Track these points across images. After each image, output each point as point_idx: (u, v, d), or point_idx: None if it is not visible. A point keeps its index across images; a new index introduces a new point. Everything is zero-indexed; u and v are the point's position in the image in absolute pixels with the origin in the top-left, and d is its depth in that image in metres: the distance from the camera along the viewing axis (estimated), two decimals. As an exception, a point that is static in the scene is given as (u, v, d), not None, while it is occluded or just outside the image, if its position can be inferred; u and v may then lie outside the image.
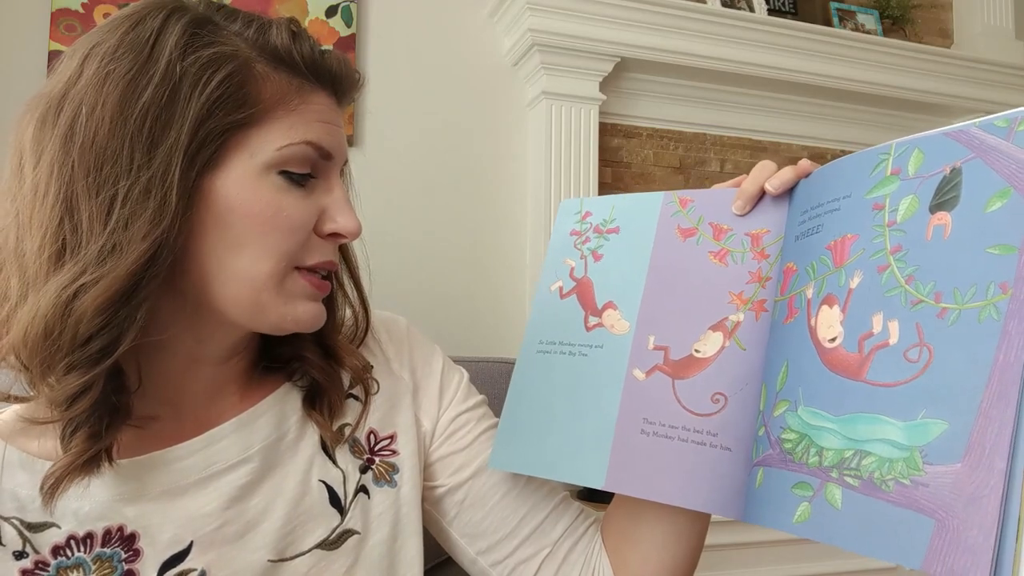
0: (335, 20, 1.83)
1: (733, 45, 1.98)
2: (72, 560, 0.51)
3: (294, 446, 0.59)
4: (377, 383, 0.65)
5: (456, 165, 1.91)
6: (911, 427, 0.42)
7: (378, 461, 0.62)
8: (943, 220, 0.45)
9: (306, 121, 0.53)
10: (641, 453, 0.56)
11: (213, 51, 0.50)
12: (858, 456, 0.45)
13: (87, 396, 0.48)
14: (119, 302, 0.47)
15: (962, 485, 0.39)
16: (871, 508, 0.43)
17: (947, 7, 2.47)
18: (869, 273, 0.48)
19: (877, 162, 0.50)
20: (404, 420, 0.64)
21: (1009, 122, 0.43)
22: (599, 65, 1.91)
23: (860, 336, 0.47)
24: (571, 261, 0.66)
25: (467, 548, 0.65)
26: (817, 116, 2.24)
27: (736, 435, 0.54)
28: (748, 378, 0.55)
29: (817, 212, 0.54)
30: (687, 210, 0.61)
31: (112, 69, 0.49)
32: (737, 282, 0.57)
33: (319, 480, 0.59)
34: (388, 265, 1.73)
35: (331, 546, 0.58)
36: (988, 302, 0.41)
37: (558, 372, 0.62)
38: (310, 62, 0.54)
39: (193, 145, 0.49)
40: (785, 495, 0.48)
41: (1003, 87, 2.27)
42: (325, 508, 0.58)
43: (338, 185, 0.56)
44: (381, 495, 0.61)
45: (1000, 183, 0.42)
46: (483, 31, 1.96)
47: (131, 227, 0.47)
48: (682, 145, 2.13)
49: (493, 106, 1.96)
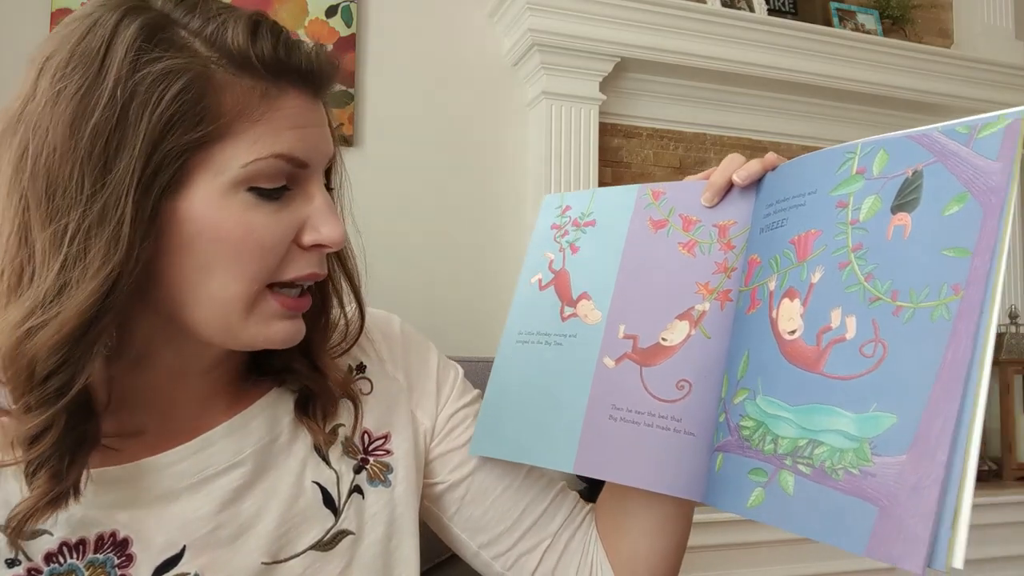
0: (335, 20, 1.83)
1: (733, 45, 1.98)
2: (65, 567, 0.50)
3: (287, 448, 0.59)
4: (371, 383, 0.64)
5: (456, 165, 1.91)
6: (863, 419, 0.44)
7: (372, 461, 0.62)
8: (903, 221, 0.46)
9: (274, 131, 0.49)
10: (609, 438, 0.58)
11: (164, 65, 0.46)
12: (811, 445, 0.47)
13: (48, 436, 0.46)
14: (74, 340, 0.45)
15: (906, 476, 0.41)
16: (821, 495, 0.45)
17: (947, 7, 2.47)
18: (830, 269, 0.49)
19: (843, 160, 0.52)
20: (398, 420, 0.64)
21: (970, 129, 0.45)
22: (599, 65, 1.91)
23: (819, 330, 0.49)
24: (550, 254, 0.68)
25: (469, 542, 0.66)
26: (817, 116, 2.23)
27: (699, 421, 0.56)
28: (712, 366, 0.57)
29: (783, 206, 0.55)
30: (659, 202, 0.63)
31: (63, 87, 0.46)
32: (704, 272, 0.59)
33: (313, 481, 0.59)
34: (388, 265, 1.73)
35: (325, 547, 0.58)
36: (941, 302, 0.42)
37: (534, 361, 0.64)
38: (272, 63, 0.49)
39: (149, 169, 0.46)
40: (742, 480, 0.50)
41: (1003, 87, 2.27)
42: (319, 509, 0.58)
43: (319, 192, 0.52)
44: (375, 495, 0.61)
45: (958, 188, 0.44)
46: (483, 31, 1.96)
47: (82, 264, 0.45)
48: (682, 145, 2.13)
49: (493, 106, 1.96)
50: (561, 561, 0.65)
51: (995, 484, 2.06)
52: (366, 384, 0.64)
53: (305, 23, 1.80)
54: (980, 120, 0.45)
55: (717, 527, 1.73)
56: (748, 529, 1.75)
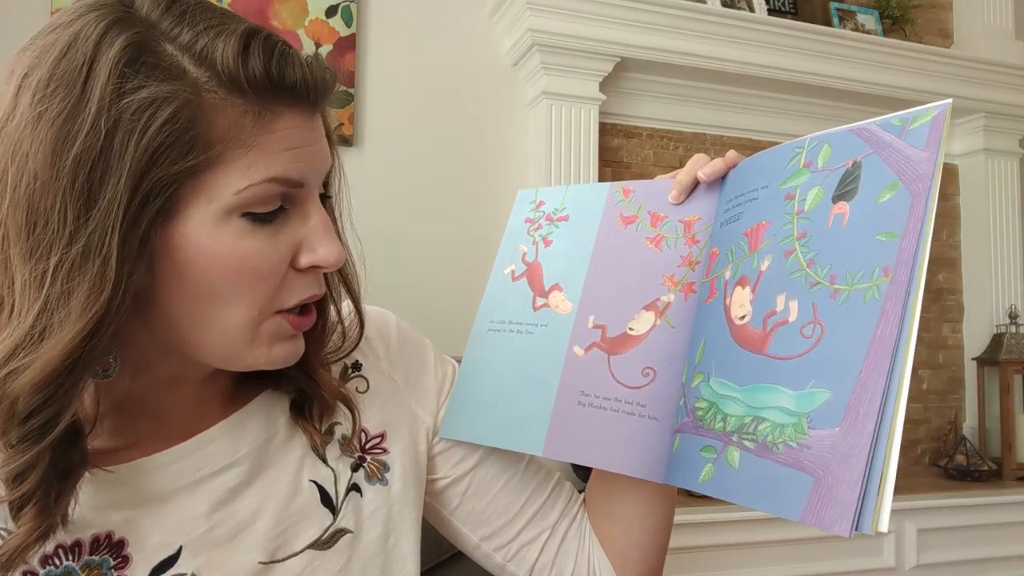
0: (335, 20, 1.83)
1: (733, 45, 1.98)
2: (61, 569, 0.50)
3: (284, 447, 0.58)
4: (367, 381, 0.64)
5: (456, 165, 1.91)
6: (801, 396, 0.47)
7: (369, 459, 0.62)
8: (843, 210, 0.49)
9: (268, 155, 0.46)
10: (577, 423, 0.60)
11: (148, 93, 0.43)
12: (755, 422, 0.49)
13: (32, 473, 0.45)
14: (57, 379, 0.43)
15: (838, 446, 0.43)
16: (763, 468, 0.48)
17: (947, 7, 2.47)
18: (777, 257, 0.53)
19: (792, 155, 0.55)
20: (395, 419, 0.64)
21: (903, 121, 0.49)
22: (599, 65, 1.91)
23: (765, 314, 0.52)
24: (524, 247, 0.70)
25: (470, 535, 0.66)
26: (817, 116, 2.23)
27: (662, 406, 0.58)
28: (676, 354, 0.59)
29: (739, 201, 0.59)
30: (629, 199, 0.66)
31: (44, 109, 0.43)
32: (670, 265, 0.62)
33: (310, 480, 0.58)
34: (387, 265, 1.73)
35: (324, 546, 0.58)
36: (872, 284, 0.45)
37: (506, 348, 0.66)
38: (265, 84, 0.46)
39: (136, 200, 0.43)
40: (695, 457, 0.53)
41: (1003, 87, 2.27)
42: (317, 508, 0.58)
43: (315, 211, 0.51)
44: (373, 493, 0.61)
45: (891, 176, 0.47)
46: (483, 31, 1.96)
47: (65, 307, 0.43)
48: (682, 145, 2.13)
49: (493, 106, 1.96)
50: (560, 550, 0.67)
51: (995, 484, 2.06)
52: (362, 383, 0.64)
53: (305, 23, 1.80)
54: (911, 113, 0.48)
55: (717, 527, 1.73)
56: (748, 529, 1.75)
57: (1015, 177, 2.37)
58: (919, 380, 2.33)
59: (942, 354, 2.36)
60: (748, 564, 1.77)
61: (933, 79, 2.19)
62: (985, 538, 1.94)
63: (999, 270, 2.32)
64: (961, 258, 2.41)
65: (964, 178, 2.41)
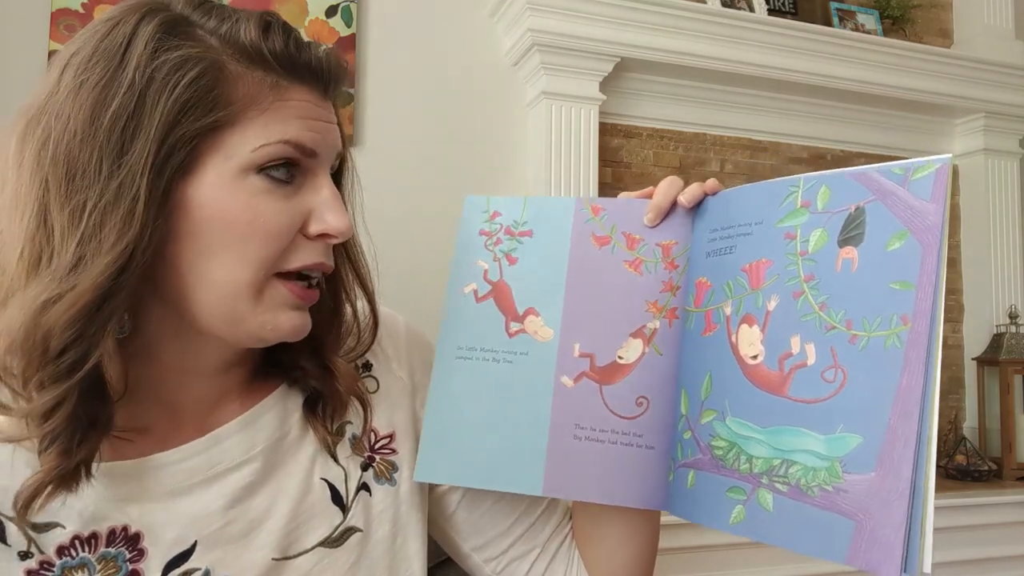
0: (335, 20, 1.83)
1: (733, 45, 1.98)
2: (77, 560, 0.51)
3: (296, 445, 0.59)
4: (377, 381, 0.65)
5: (456, 165, 1.91)
6: (831, 440, 0.48)
7: (378, 459, 0.62)
8: (851, 254, 0.50)
9: (283, 119, 0.51)
10: (575, 458, 0.59)
11: (180, 54, 0.48)
12: (785, 464, 0.51)
13: (60, 410, 0.47)
14: (88, 315, 0.46)
15: (876, 491, 0.45)
16: (799, 511, 0.49)
17: (947, 7, 2.47)
18: (785, 298, 0.53)
19: (787, 193, 0.55)
20: (402, 420, 0.65)
21: (905, 170, 0.49)
22: (599, 65, 1.91)
23: (780, 356, 0.53)
24: (483, 263, 0.66)
25: (461, 544, 0.67)
26: (817, 116, 2.23)
27: (657, 434, 0.59)
28: (666, 381, 0.60)
29: (728, 233, 0.59)
30: (600, 218, 0.64)
31: (86, 78, 0.48)
32: (652, 291, 0.62)
33: (321, 478, 0.59)
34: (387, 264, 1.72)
35: (334, 544, 0.58)
36: (892, 332, 0.47)
37: (483, 379, 0.62)
38: (283, 58, 0.51)
39: (162, 152, 0.47)
40: (720, 498, 0.54)
41: (1003, 87, 2.27)
42: (327, 506, 0.59)
43: (326, 183, 0.54)
44: (382, 492, 0.62)
45: (898, 225, 0.49)
46: (483, 31, 1.96)
47: (98, 238, 0.46)
48: (682, 145, 2.13)
49: (493, 106, 1.96)
50: (549, 569, 0.66)
51: (995, 484, 2.06)
52: (372, 383, 0.64)
53: (305, 23, 1.80)
54: (912, 164, 0.49)
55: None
56: (748, 529, 1.75)
57: (1015, 177, 2.37)
58: (919, 380, 2.32)
59: (942, 354, 2.36)
60: (748, 564, 1.77)
61: (933, 79, 2.19)
62: (985, 538, 1.94)
63: (999, 270, 2.32)
64: (961, 258, 2.41)
65: (964, 178, 2.41)
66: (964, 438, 2.17)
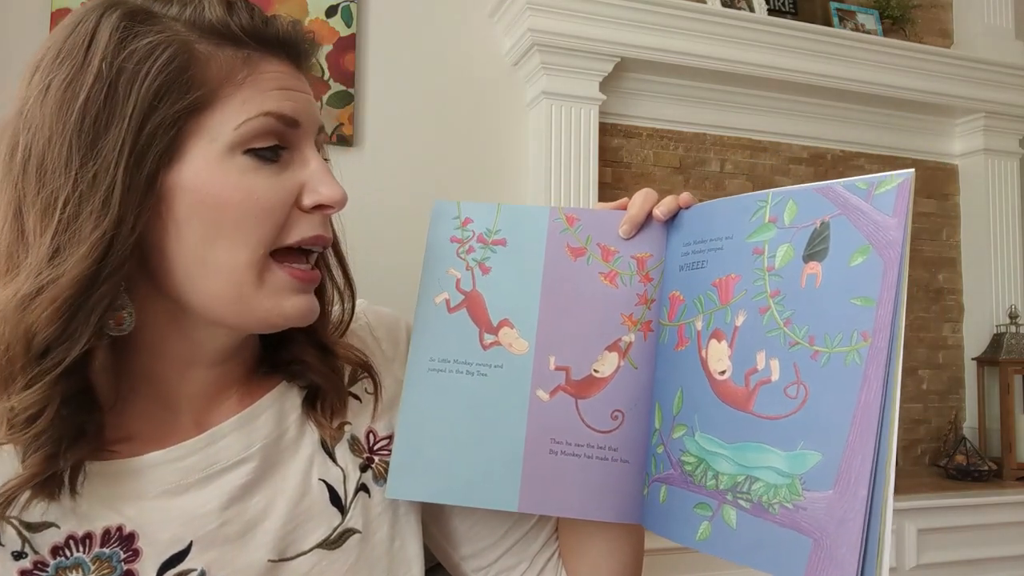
0: (335, 20, 1.83)
1: (733, 45, 1.98)
2: (71, 560, 0.50)
3: (294, 445, 0.59)
4: (377, 382, 0.64)
5: (456, 165, 1.91)
6: (792, 457, 0.48)
7: (377, 460, 0.62)
8: (815, 270, 0.50)
9: (261, 92, 0.50)
10: (551, 473, 0.59)
11: (148, 41, 0.48)
12: (748, 481, 0.51)
13: (44, 415, 0.46)
14: (71, 310, 0.46)
15: (833, 509, 0.45)
16: (760, 528, 0.49)
17: (947, 7, 2.47)
18: (752, 313, 0.53)
19: (756, 208, 0.55)
20: None
21: (868, 185, 0.49)
22: (599, 65, 1.91)
23: (746, 371, 0.53)
24: (455, 272, 0.64)
25: (451, 552, 0.66)
26: (817, 116, 2.24)
27: (632, 448, 0.59)
28: (641, 394, 0.60)
29: (700, 248, 0.59)
30: (575, 228, 0.63)
31: (52, 78, 0.48)
32: (627, 304, 0.61)
33: (319, 479, 0.59)
34: (387, 264, 1.72)
35: (332, 545, 0.58)
36: (852, 348, 0.47)
37: (457, 393, 0.61)
38: (251, 31, 0.51)
39: (141, 139, 0.47)
40: (688, 514, 0.54)
41: (1003, 87, 2.27)
42: (326, 507, 0.58)
43: (313, 156, 0.54)
44: (381, 494, 0.61)
45: (861, 240, 0.48)
46: (483, 31, 1.96)
47: (74, 228, 0.46)
48: (682, 145, 2.13)
49: (493, 106, 1.96)
50: None
51: (995, 484, 2.06)
52: (371, 384, 0.64)
53: (305, 23, 1.80)
54: (876, 178, 0.49)
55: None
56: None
57: (1015, 177, 2.37)
58: (919, 380, 2.33)
59: (942, 354, 2.36)
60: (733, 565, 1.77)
61: (933, 79, 2.19)
62: (985, 538, 1.94)
63: (999, 270, 2.32)
64: (961, 258, 2.41)
65: (964, 178, 2.41)
66: (964, 438, 2.17)
